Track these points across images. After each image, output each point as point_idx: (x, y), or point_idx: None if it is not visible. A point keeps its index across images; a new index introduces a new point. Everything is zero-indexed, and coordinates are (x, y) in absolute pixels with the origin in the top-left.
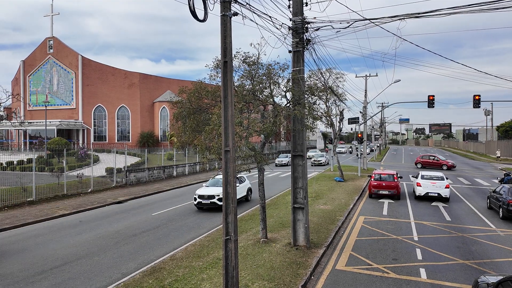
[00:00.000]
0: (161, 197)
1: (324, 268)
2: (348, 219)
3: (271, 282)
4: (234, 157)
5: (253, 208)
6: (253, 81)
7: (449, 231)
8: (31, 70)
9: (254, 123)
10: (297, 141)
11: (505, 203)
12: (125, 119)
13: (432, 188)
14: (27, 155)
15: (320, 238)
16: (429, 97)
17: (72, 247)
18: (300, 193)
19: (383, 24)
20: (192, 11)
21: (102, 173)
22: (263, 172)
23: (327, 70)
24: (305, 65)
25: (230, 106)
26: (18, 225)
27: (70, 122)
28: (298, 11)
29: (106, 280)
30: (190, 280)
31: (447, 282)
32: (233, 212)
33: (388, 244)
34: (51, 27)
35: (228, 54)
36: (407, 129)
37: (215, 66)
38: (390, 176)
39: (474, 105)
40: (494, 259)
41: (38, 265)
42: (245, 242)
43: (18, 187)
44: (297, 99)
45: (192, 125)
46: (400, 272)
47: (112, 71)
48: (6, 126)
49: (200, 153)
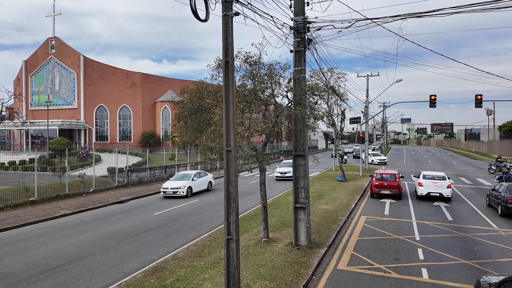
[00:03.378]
0: (163, 197)
1: (326, 268)
2: (349, 219)
3: (272, 281)
4: (235, 157)
5: (255, 208)
6: (255, 81)
7: (451, 231)
8: (33, 70)
9: (256, 123)
10: (298, 141)
11: (503, 201)
12: (127, 119)
13: (434, 188)
14: (29, 155)
15: (321, 238)
16: (430, 96)
17: (74, 246)
18: (302, 193)
19: (384, 23)
20: (193, 11)
21: (104, 173)
22: (265, 172)
23: (328, 70)
24: (306, 65)
25: (232, 106)
26: (20, 225)
27: (72, 122)
28: (300, 10)
29: (108, 279)
30: (192, 280)
31: (449, 282)
32: (235, 212)
33: (389, 244)
34: (53, 27)
35: (229, 54)
36: (409, 128)
37: (216, 66)
38: (391, 176)
39: (476, 105)
40: (496, 259)
41: (40, 264)
42: (247, 241)
43: (20, 187)
44: (299, 99)
45: (193, 125)
46: (402, 272)
47: (113, 71)
48: (8, 126)
49: (202, 153)
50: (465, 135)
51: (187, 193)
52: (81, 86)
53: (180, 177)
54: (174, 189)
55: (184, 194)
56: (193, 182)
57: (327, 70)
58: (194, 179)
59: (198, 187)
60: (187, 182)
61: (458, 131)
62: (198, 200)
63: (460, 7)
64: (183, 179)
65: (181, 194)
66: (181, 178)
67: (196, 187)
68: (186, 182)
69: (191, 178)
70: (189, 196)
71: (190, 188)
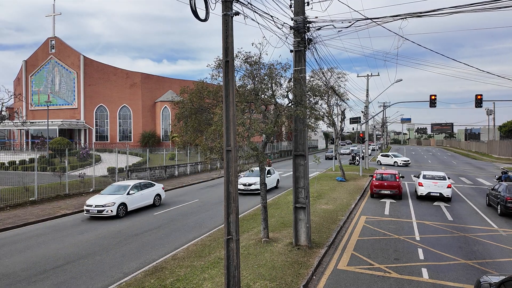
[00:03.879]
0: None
1: (326, 268)
2: (349, 218)
3: (272, 281)
4: (236, 157)
5: (255, 208)
6: (255, 81)
7: (451, 231)
8: (33, 70)
9: (256, 123)
10: (298, 140)
11: (503, 200)
12: (127, 119)
13: (434, 188)
14: (29, 155)
15: (321, 237)
16: (430, 96)
17: (74, 246)
18: (302, 193)
19: (385, 23)
20: (193, 11)
21: (104, 172)
22: (265, 171)
23: (328, 69)
24: (306, 65)
25: (232, 106)
26: (20, 225)
27: (72, 122)
28: (300, 10)
29: (108, 279)
30: (192, 280)
31: (449, 282)
32: (235, 212)
33: (389, 244)
34: (53, 27)
35: (229, 53)
36: (409, 128)
37: (216, 66)
38: (392, 175)
39: (476, 105)
40: (496, 259)
41: (40, 264)
42: (247, 241)
43: (20, 187)
44: (299, 99)
45: (194, 125)
46: (402, 272)
47: (113, 71)
48: (8, 126)
49: (202, 153)
50: (465, 135)
51: (119, 213)
52: (81, 86)
53: (114, 190)
54: (99, 207)
55: (112, 214)
56: (129, 196)
57: (327, 70)
58: (131, 192)
59: (137, 203)
60: (119, 197)
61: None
62: (130, 222)
63: (460, 7)
64: (116, 193)
65: (108, 213)
66: (115, 192)
67: (134, 203)
68: (118, 197)
69: (126, 191)
70: (121, 217)
71: (123, 205)
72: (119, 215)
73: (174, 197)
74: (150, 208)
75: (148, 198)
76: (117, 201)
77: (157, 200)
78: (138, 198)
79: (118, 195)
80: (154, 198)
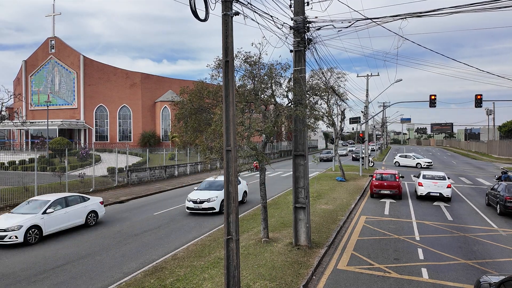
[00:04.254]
0: (163, 197)
1: (326, 268)
2: (349, 218)
3: (272, 281)
4: (235, 157)
5: (255, 208)
6: (255, 81)
7: (451, 231)
8: (33, 70)
9: (256, 122)
10: (298, 140)
11: (502, 200)
12: (127, 119)
13: (434, 187)
14: (29, 154)
15: (321, 237)
16: (430, 96)
17: (73, 246)
18: (302, 193)
19: (384, 23)
20: (193, 11)
21: (103, 172)
22: (265, 171)
23: (328, 69)
24: (306, 65)
25: (232, 105)
26: None
27: (72, 122)
28: (300, 10)
29: (108, 279)
30: (192, 280)
31: (449, 282)
32: (235, 212)
33: (389, 244)
34: (52, 27)
35: (229, 53)
36: (409, 128)
37: (216, 66)
38: (391, 175)
39: (476, 105)
40: (496, 259)
41: (40, 264)
42: (247, 241)
43: (20, 187)
44: (299, 99)
45: (193, 125)
46: (402, 272)
47: (113, 71)
48: (8, 126)
49: (202, 153)
50: (465, 135)
51: (28, 239)
52: (81, 86)
53: (30, 208)
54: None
55: (18, 241)
56: (45, 216)
57: (327, 70)
58: (49, 211)
59: (59, 224)
60: (29, 218)
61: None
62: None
63: (460, 7)
64: (29, 213)
65: (12, 240)
66: (29, 211)
67: (53, 224)
68: (28, 218)
69: (42, 210)
70: (32, 243)
71: (35, 228)
72: (29, 241)
73: (174, 197)
74: (79, 229)
75: (77, 217)
76: (26, 224)
77: (92, 219)
78: (61, 217)
79: (29, 215)
80: (86, 216)
